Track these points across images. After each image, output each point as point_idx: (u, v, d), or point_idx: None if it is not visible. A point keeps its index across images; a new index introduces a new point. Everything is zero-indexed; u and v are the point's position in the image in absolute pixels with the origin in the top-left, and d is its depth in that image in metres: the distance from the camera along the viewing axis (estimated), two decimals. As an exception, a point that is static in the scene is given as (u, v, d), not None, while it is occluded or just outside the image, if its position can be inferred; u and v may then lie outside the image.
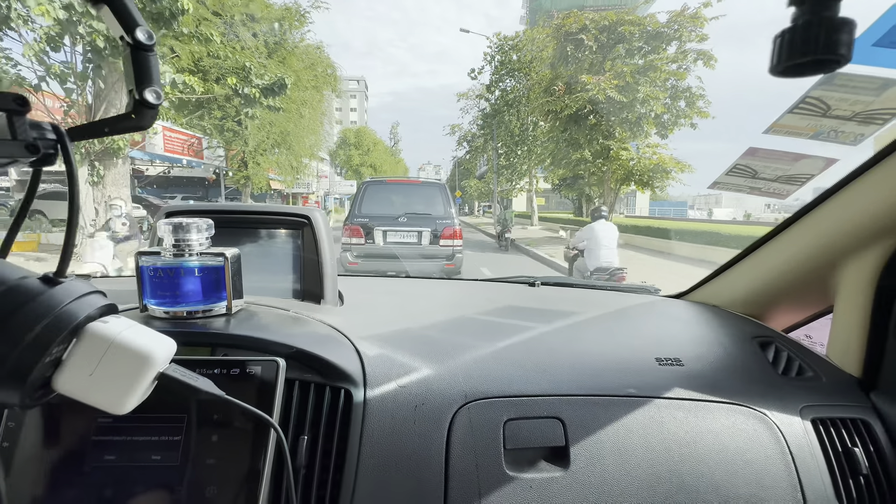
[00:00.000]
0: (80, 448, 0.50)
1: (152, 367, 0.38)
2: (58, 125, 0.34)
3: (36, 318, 0.31)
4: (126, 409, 0.38)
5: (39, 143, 0.32)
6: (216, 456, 0.50)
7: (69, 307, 0.33)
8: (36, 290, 0.32)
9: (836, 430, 0.68)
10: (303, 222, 0.84)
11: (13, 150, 0.31)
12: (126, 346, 0.36)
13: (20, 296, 0.32)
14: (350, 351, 0.66)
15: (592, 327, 0.90)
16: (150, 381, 0.39)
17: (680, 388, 0.69)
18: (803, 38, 0.30)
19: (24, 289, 0.32)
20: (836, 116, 0.59)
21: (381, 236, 5.62)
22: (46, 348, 0.32)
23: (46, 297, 0.33)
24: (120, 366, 0.36)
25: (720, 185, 0.75)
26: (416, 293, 1.16)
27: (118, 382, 0.37)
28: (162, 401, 0.45)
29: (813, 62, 0.31)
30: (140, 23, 0.35)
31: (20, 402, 0.32)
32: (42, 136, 0.33)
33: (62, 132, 0.34)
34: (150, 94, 0.36)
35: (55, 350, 0.33)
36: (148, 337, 0.39)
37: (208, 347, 0.58)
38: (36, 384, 0.33)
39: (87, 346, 0.35)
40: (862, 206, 0.70)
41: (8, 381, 0.31)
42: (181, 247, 0.60)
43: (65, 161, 0.34)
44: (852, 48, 0.30)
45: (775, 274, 0.90)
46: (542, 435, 0.62)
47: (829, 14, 0.29)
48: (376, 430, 0.58)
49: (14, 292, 0.32)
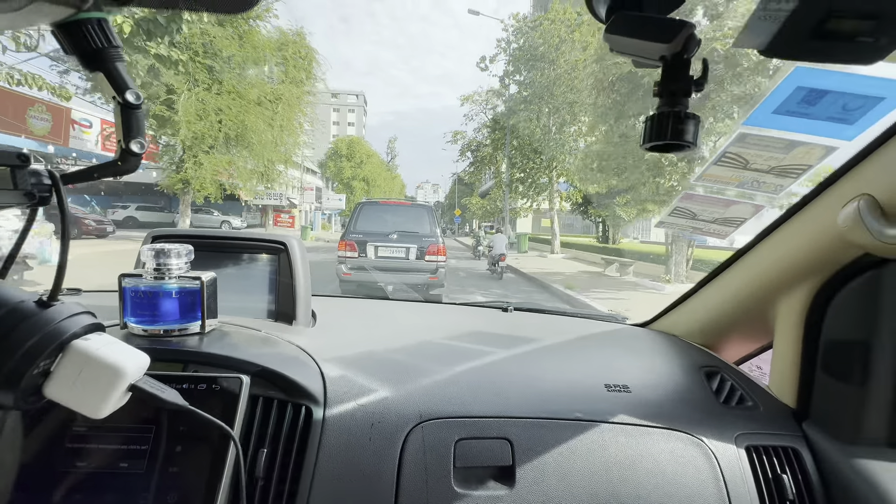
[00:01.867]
0: (55, 454, 0.54)
1: (123, 380, 0.44)
2: (53, 171, 0.40)
3: (28, 335, 0.38)
4: (102, 414, 0.43)
5: (36, 191, 0.39)
6: (179, 465, 0.54)
7: (57, 326, 0.40)
8: (31, 311, 0.39)
9: (767, 458, 0.72)
10: (280, 248, 0.90)
11: (14, 198, 0.38)
12: (102, 360, 0.42)
13: (17, 316, 0.38)
14: (313, 371, 0.71)
15: (550, 353, 0.95)
16: (123, 391, 0.45)
17: (625, 414, 0.73)
18: (658, 127, 0.38)
19: (21, 310, 0.39)
20: (755, 169, 0.67)
21: (374, 251, 6.30)
22: (35, 360, 0.38)
23: (39, 318, 0.39)
24: (96, 377, 0.42)
25: (664, 224, 0.82)
26: (388, 315, 1.21)
27: (95, 391, 0.42)
28: (133, 412, 0.50)
29: (665, 145, 0.38)
30: (130, 86, 0.42)
31: (13, 404, 0.39)
32: (39, 183, 0.39)
33: (57, 178, 0.41)
34: (135, 145, 0.43)
35: (43, 362, 0.39)
36: (123, 353, 0.45)
37: (181, 364, 0.63)
38: (28, 390, 0.39)
39: (70, 359, 0.41)
40: (786, 249, 0.77)
41: (3, 385, 0.37)
42: (161, 270, 0.65)
43: (58, 203, 0.40)
44: (698, 136, 0.38)
45: (723, 308, 0.96)
46: (491, 455, 0.66)
47: (678, 109, 0.37)
48: (333, 445, 0.62)
49: (13, 313, 0.38)
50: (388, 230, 6.45)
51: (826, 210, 0.69)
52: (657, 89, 0.38)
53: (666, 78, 0.38)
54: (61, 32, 0.38)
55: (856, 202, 0.62)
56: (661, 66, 0.38)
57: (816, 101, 0.54)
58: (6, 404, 0.38)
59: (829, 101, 0.54)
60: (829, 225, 0.68)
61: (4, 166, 0.37)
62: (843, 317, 0.75)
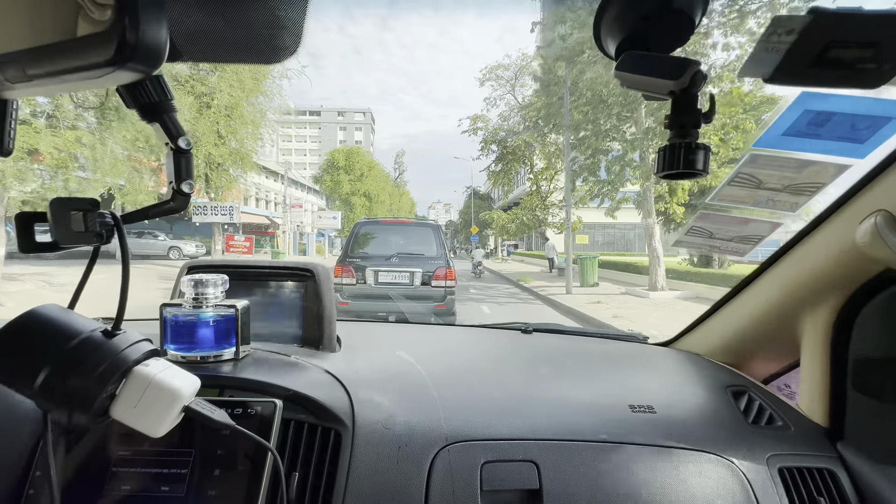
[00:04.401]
0: (100, 477, 0.57)
1: (180, 401, 0.48)
2: (114, 213, 0.45)
3: (99, 362, 0.43)
4: (160, 433, 0.47)
5: (104, 231, 0.44)
6: (217, 488, 0.57)
7: (123, 353, 0.44)
8: (100, 341, 0.44)
9: (802, 480, 0.70)
10: (307, 275, 0.94)
11: (87, 238, 0.43)
12: (161, 384, 0.46)
13: (89, 345, 0.43)
14: (342, 394, 0.73)
15: (573, 374, 0.95)
16: (178, 412, 0.48)
17: (651, 435, 0.72)
18: (670, 157, 0.40)
19: (91, 340, 0.44)
20: (769, 188, 0.68)
21: (373, 276, 5.60)
22: (105, 385, 0.43)
23: (107, 347, 0.44)
24: (156, 399, 0.46)
25: (682, 243, 0.83)
26: (409, 338, 1.23)
27: (155, 412, 0.46)
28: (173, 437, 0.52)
29: (678, 173, 0.40)
30: (182, 133, 0.47)
31: (86, 423, 0.43)
32: (104, 223, 0.44)
33: (118, 218, 0.46)
34: (185, 186, 0.47)
35: (111, 387, 0.44)
36: (179, 377, 0.49)
37: (216, 389, 0.66)
38: (98, 411, 0.44)
39: (133, 383, 0.45)
40: (808, 266, 0.77)
41: (80, 406, 0.42)
42: (199, 300, 0.69)
43: (119, 240, 0.45)
44: (707, 164, 0.40)
45: (746, 325, 0.96)
46: (518, 478, 0.66)
47: (689, 140, 0.40)
48: (362, 468, 0.64)
49: (85, 343, 0.43)
50: (390, 252, 5.79)
51: (844, 226, 0.69)
52: (668, 122, 0.41)
53: (676, 111, 0.41)
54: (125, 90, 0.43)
55: (872, 218, 0.63)
56: (669, 99, 0.41)
57: (825, 122, 0.56)
58: (81, 423, 0.42)
59: (838, 123, 0.55)
60: (848, 241, 0.68)
61: (78, 211, 0.42)
62: (870, 332, 0.74)
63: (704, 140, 0.42)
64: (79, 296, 0.47)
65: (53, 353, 0.42)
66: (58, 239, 0.42)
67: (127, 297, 0.46)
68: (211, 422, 0.51)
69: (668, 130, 0.41)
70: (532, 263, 23.64)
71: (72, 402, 0.42)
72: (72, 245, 0.43)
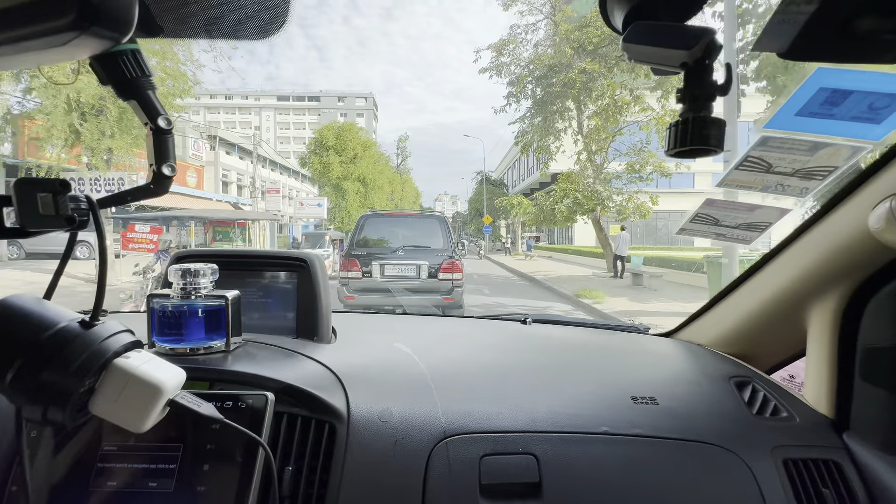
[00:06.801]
0: (86, 474, 0.55)
1: (163, 395, 0.45)
2: (90, 196, 0.42)
3: (75, 355, 0.40)
4: (143, 428, 0.45)
5: (76, 215, 0.41)
6: (207, 484, 0.55)
7: (100, 345, 0.42)
8: (76, 332, 0.41)
9: (807, 471, 0.69)
10: (301, 265, 0.92)
11: (56, 222, 0.40)
12: (142, 377, 0.44)
13: (64, 337, 0.40)
14: (337, 387, 0.71)
15: (572, 365, 0.93)
16: (162, 405, 0.46)
17: (654, 427, 0.71)
18: (682, 132, 0.37)
19: (67, 331, 0.41)
20: (778, 172, 0.66)
21: (379, 270, 5.56)
22: (82, 378, 0.40)
23: (83, 338, 0.41)
24: (138, 393, 0.44)
25: (686, 231, 0.80)
26: (406, 330, 1.21)
27: (137, 407, 0.44)
28: (160, 431, 0.50)
29: (691, 150, 0.38)
30: (161, 112, 0.44)
31: (63, 420, 0.40)
32: (77, 208, 0.41)
33: (94, 202, 0.42)
34: (166, 168, 0.45)
35: (89, 380, 0.41)
36: (162, 369, 0.46)
37: (206, 382, 0.64)
38: (76, 407, 0.41)
39: (113, 377, 0.43)
40: (817, 253, 0.75)
41: (55, 401, 0.39)
42: (188, 290, 0.66)
43: (95, 225, 0.42)
44: (723, 140, 0.37)
45: (750, 315, 0.94)
46: (517, 471, 0.64)
47: (703, 114, 0.37)
48: (358, 462, 0.62)
49: (61, 334, 0.40)
50: (396, 245, 5.78)
51: (856, 212, 0.67)
52: (680, 95, 0.38)
53: (688, 84, 0.38)
54: (98, 64, 0.40)
55: (887, 203, 0.60)
56: (681, 72, 0.38)
57: (840, 101, 0.53)
58: (57, 420, 0.40)
59: (854, 101, 0.53)
60: (861, 227, 0.66)
61: (46, 192, 0.39)
62: (880, 321, 0.72)
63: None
64: (55, 285, 0.44)
65: (26, 345, 0.39)
66: (24, 224, 0.39)
67: (105, 285, 0.43)
68: (197, 416, 0.49)
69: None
70: (567, 261, 18.19)
71: (46, 397, 0.39)
72: (40, 230, 0.40)
